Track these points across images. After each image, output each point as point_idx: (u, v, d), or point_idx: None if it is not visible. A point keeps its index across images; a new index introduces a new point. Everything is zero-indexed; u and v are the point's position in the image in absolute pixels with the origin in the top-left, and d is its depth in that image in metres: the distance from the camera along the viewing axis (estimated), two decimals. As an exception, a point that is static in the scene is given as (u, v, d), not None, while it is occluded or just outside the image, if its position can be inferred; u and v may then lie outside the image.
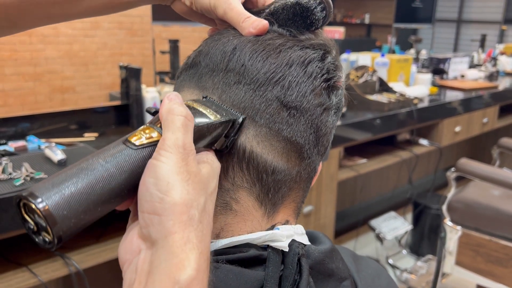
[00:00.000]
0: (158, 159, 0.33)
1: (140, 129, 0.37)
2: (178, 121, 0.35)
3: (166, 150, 0.33)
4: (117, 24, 4.25)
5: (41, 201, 0.30)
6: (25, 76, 3.87)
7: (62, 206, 0.30)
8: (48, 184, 0.31)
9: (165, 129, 0.35)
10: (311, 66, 0.43)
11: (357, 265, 0.53)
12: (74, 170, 0.32)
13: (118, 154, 0.34)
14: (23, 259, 1.35)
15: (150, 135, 0.36)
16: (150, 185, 0.32)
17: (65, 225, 0.31)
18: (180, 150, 0.33)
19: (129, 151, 0.34)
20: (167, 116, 0.35)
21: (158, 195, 0.31)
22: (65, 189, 0.31)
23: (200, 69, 0.46)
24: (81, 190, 0.31)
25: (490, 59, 3.77)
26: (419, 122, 2.42)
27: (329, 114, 0.45)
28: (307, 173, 0.46)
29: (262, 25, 0.44)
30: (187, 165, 0.33)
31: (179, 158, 0.33)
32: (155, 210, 0.31)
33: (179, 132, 0.34)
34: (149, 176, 0.32)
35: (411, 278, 2.43)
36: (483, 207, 1.87)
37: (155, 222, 0.31)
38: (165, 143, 0.33)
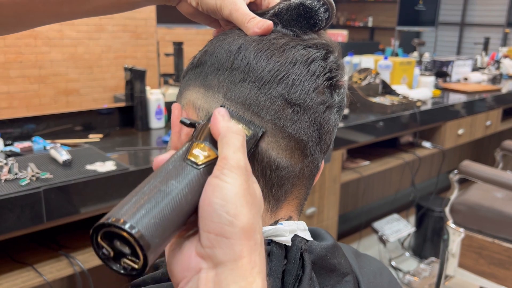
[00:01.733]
0: (223, 180, 0.33)
1: (192, 146, 0.37)
2: (237, 140, 0.35)
3: (231, 171, 0.33)
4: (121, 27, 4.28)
5: (133, 227, 0.30)
6: (30, 78, 3.90)
7: (154, 233, 0.30)
8: (134, 208, 0.31)
9: (225, 147, 0.35)
10: (314, 65, 0.45)
11: (359, 261, 0.54)
12: (153, 193, 0.32)
13: (186, 175, 0.34)
14: (28, 258, 1.36)
15: (207, 152, 0.36)
16: (217, 206, 0.32)
17: (156, 251, 0.31)
18: (243, 171, 0.34)
19: (195, 171, 0.34)
20: (226, 134, 0.36)
21: (227, 218, 0.32)
22: (153, 214, 0.31)
23: (205, 68, 0.47)
24: (166, 215, 0.31)
25: (493, 62, 3.77)
26: (422, 124, 2.43)
27: (331, 112, 0.46)
28: (310, 170, 0.47)
29: (266, 25, 0.45)
30: (249, 187, 0.34)
31: (243, 180, 0.33)
32: (223, 232, 0.32)
33: (240, 153, 0.35)
34: (215, 196, 0.32)
35: (414, 280, 2.43)
36: (486, 210, 1.87)
37: (223, 245, 0.31)
38: (229, 162, 0.34)
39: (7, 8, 0.47)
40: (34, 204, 1.21)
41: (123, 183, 1.37)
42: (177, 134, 0.47)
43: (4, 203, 1.17)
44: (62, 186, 1.26)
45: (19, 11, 0.48)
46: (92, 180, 1.31)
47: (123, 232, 0.30)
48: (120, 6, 0.51)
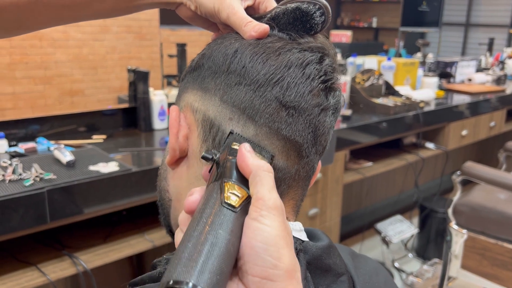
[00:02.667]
0: (263, 222, 0.33)
1: (225, 186, 0.36)
2: (270, 178, 0.35)
3: (269, 212, 0.34)
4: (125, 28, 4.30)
5: (195, 285, 0.30)
6: (35, 79, 3.92)
7: (214, 286, 0.31)
8: (192, 263, 0.31)
9: (259, 187, 0.35)
10: (309, 68, 0.45)
11: (355, 262, 0.54)
12: (205, 246, 0.32)
13: (228, 221, 0.34)
14: (32, 258, 1.38)
15: (240, 193, 0.36)
16: (260, 250, 0.33)
17: None
18: (280, 211, 0.34)
19: (234, 215, 0.34)
20: (258, 173, 0.36)
21: (271, 262, 0.32)
22: (208, 269, 0.31)
23: (203, 71, 0.48)
24: (220, 268, 0.32)
25: (498, 63, 3.76)
26: (426, 125, 2.42)
27: (326, 115, 0.47)
28: (306, 171, 0.48)
29: (263, 29, 0.46)
30: (286, 227, 0.34)
31: (281, 221, 0.34)
32: (268, 276, 0.32)
33: (274, 192, 0.35)
34: (257, 240, 0.33)
35: (417, 281, 2.42)
36: (489, 211, 1.87)
37: (267, 287, 0.32)
38: (266, 203, 0.34)
39: (9, 12, 0.48)
40: (38, 205, 1.23)
41: (126, 183, 1.38)
42: (175, 136, 0.48)
43: (8, 203, 1.18)
44: (65, 186, 1.27)
45: (21, 15, 0.49)
46: (95, 180, 1.32)
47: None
48: (120, 10, 0.52)
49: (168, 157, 0.49)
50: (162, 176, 0.54)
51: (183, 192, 0.49)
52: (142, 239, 1.51)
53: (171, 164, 0.50)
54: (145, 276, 0.44)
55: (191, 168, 0.48)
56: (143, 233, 1.54)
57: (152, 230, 1.56)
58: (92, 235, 1.51)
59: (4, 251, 1.40)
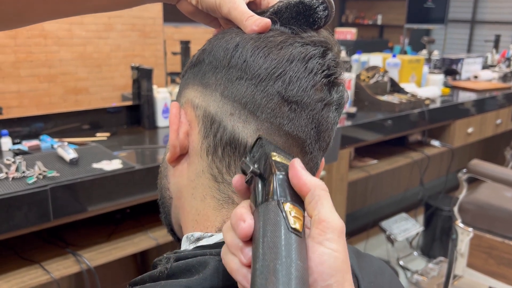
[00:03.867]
0: (328, 247, 0.33)
1: (287, 209, 0.34)
2: (329, 198, 0.35)
3: (334, 235, 0.33)
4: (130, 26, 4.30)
5: None
6: (40, 77, 3.93)
7: None
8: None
9: (320, 208, 0.34)
10: (311, 62, 0.44)
11: (359, 262, 0.53)
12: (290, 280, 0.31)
13: (298, 247, 0.33)
14: (36, 256, 1.38)
15: (297, 213, 0.34)
16: (327, 277, 0.33)
17: None
18: (342, 235, 0.34)
19: (302, 241, 0.33)
20: (317, 191, 0.35)
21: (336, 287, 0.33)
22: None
23: (203, 66, 0.47)
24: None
25: (504, 60, 3.73)
26: (431, 123, 2.40)
27: (330, 110, 0.46)
28: (309, 168, 0.47)
29: (264, 23, 0.45)
30: (346, 248, 0.34)
31: (344, 244, 0.34)
32: None
33: (335, 213, 0.34)
34: (323, 266, 0.33)
35: (422, 280, 2.41)
36: (495, 209, 1.85)
37: None
38: (330, 225, 0.34)
39: (7, 4, 0.47)
40: (41, 202, 1.22)
41: (129, 181, 1.38)
42: (175, 133, 0.47)
43: (11, 201, 1.18)
44: (68, 184, 1.27)
45: (20, 8, 0.48)
46: (98, 178, 1.32)
47: None
48: (121, 4, 0.52)
49: (168, 154, 0.48)
50: (163, 174, 0.53)
51: (183, 190, 0.48)
52: (145, 237, 1.51)
53: (171, 162, 0.49)
54: (146, 276, 0.43)
55: (192, 165, 0.47)
56: (147, 231, 1.53)
57: (155, 228, 1.55)
58: (96, 233, 1.51)
59: (8, 249, 1.40)
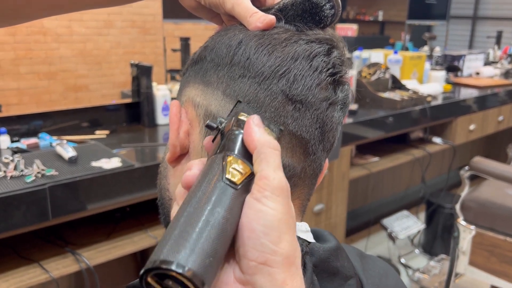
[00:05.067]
0: (266, 204, 0.31)
1: (227, 160, 0.34)
2: (277, 157, 0.33)
3: (272, 193, 0.31)
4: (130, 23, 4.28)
5: (181, 265, 0.28)
6: (40, 74, 3.92)
7: (203, 266, 0.29)
8: (181, 244, 0.29)
9: (264, 165, 0.32)
10: (316, 60, 0.43)
11: (363, 264, 0.52)
12: (200, 224, 0.30)
13: (228, 199, 0.32)
14: (35, 255, 1.37)
15: (243, 169, 0.33)
16: (260, 234, 0.31)
17: (209, 285, 0.29)
18: (285, 193, 0.32)
19: (235, 193, 0.32)
20: (263, 149, 0.33)
21: (270, 247, 0.30)
22: (199, 248, 0.29)
23: (205, 64, 0.45)
24: (213, 247, 0.30)
25: (506, 56, 3.71)
26: (433, 120, 2.39)
27: (335, 109, 0.45)
28: (312, 169, 0.45)
29: (269, 20, 0.44)
30: (290, 209, 0.32)
31: (285, 203, 0.32)
32: (266, 261, 0.30)
33: (280, 171, 0.32)
34: (259, 224, 0.31)
35: (423, 278, 2.40)
36: (498, 207, 1.84)
37: (265, 272, 0.30)
38: (271, 183, 0.32)
39: (5, 0, 0.46)
40: (40, 201, 1.21)
41: (129, 180, 1.37)
42: (175, 132, 0.46)
43: (10, 200, 1.17)
44: (67, 183, 1.25)
45: (18, 4, 0.47)
46: (97, 177, 1.30)
47: (174, 273, 0.28)
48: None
49: (168, 154, 0.47)
50: (162, 174, 0.51)
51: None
52: (145, 235, 1.50)
53: (171, 162, 0.48)
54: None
55: (192, 166, 0.46)
56: (146, 230, 1.52)
57: (155, 227, 1.54)
58: (95, 232, 1.50)
59: (7, 248, 1.39)
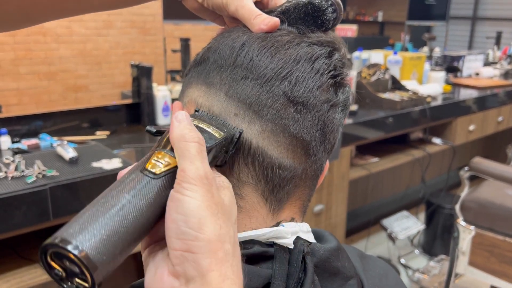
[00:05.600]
0: (183, 193, 0.32)
1: (153, 155, 0.35)
2: (192, 148, 0.33)
3: (189, 183, 0.32)
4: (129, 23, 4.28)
5: (77, 247, 0.28)
6: (40, 75, 3.91)
7: (100, 251, 0.29)
8: (80, 227, 0.29)
9: (181, 158, 0.33)
10: (318, 63, 0.43)
11: (364, 264, 0.53)
12: (103, 209, 0.31)
13: (140, 186, 0.32)
14: (35, 255, 1.37)
15: (166, 161, 0.34)
16: (180, 222, 0.31)
17: (104, 269, 0.29)
18: (204, 181, 0.32)
19: (153, 182, 0.33)
20: (179, 144, 0.34)
21: (191, 233, 0.31)
22: (100, 231, 0.29)
23: (208, 65, 0.46)
24: (115, 230, 0.30)
25: (505, 57, 3.71)
26: (432, 120, 2.39)
27: (336, 111, 0.45)
28: (313, 170, 0.46)
29: (273, 22, 0.44)
30: (213, 196, 0.32)
31: (204, 190, 0.32)
32: (189, 248, 0.31)
33: (197, 161, 0.33)
34: (177, 212, 0.31)
35: (423, 278, 2.40)
36: (497, 207, 1.84)
37: (190, 260, 0.30)
38: (186, 174, 0.32)
39: (12, 4, 0.47)
40: (41, 202, 1.22)
41: (129, 180, 1.37)
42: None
43: (11, 200, 1.17)
44: (68, 183, 1.26)
45: (24, 7, 0.48)
46: (98, 177, 1.31)
47: (68, 253, 0.28)
48: (125, 1, 0.51)
49: None
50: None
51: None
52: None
53: (172, 163, 0.48)
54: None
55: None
56: (147, 230, 1.53)
57: (156, 227, 1.54)
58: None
59: (7, 248, 1.39)
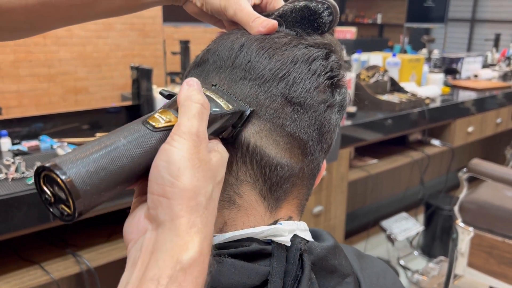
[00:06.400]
0: (171, 144, 0.33)
1: (158, 111, 0.37)
2: (194, 108, 0.35)
3: (180, 136, 0.34)
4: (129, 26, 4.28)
5: (65, 173, 0.30)
6: (40, 77, 3.92)
7: (86, 181, 0.31)
8: (73, 157, 0.32)
9: (181, 115, 0.35)
10: (315, 64, 0.44)
11: (361, 263, 0.53)
12: (97, 147, 0.33)
13: (138, 135, 0.35)
14: (36, 256, 1.37)
15: (168, 118, 0.37)
16: (161, 168, 0.33)
17: (87, 200, 0.31)
18: (193, 137, 0.34)
19: (150, 133, 0.35)
20: (184, 102, 0.36)
21: (169, 179, 0.32)
22: (89, 164, 0.32)
23: (207, 66, 0.47)
24: (103, 166, 0.32)
25: (504, 59, 3.72)
26: (431, 122, 2.40)
27: (332, 112, 0.46)
28: (310, 169, 0.46)
29: (271, 24, 0.45)
30: (199, 152, 0.34)
31: (191, 145, 0.34)
32: (165, 193, 0.32)
33: (194, 119, 0.35)
34: (161, 159, 0.33)
35: (422, 279, 2.41)
36: (496, 208, 1.85)
37: (164, 205, 0.32)
38: (180, 129, 0.34)
39: (19, 13, 0.48)
40: (41, 203, 1.22)
41: (129, 181, 1.37)
42: None
43: (11, 201, 1.18)
44: (68, 184, 1.26)
45: (31, 16, 0.49)
46: (98, 178, 1.31)
47: (56, 177, 0.30)
48: (129, 7, 0.52)
49: None
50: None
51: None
52: (145, 237, 1.51)
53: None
54: None
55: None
56: (147, 231, 1.53)
57: (155, 228, 1.55)
58: (96, 234, 1.51)
59: (8, 250, 1.40)
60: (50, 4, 0.48)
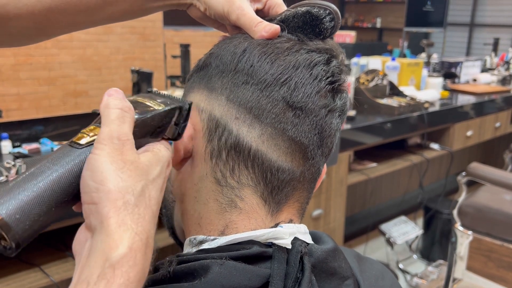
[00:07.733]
0: (93, 152, 0.34)
1: (86, 129, 0.38)
2: (113, 113, 0.36)
3: (100, 143, 0.34)
4: (129, 29, 4.30)
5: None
6: (40, 80, 3.93)
7: (15, 212, 0.31)
8: (2, 194, 0.32)
9: (102, 124, 0.36)
10: (316, 69, 0.45)
11: (360, 265, 0.54)
12: (22, 177, 0.33)
13: (64, 156, 0.35)
14: (36, 259, 1.38)
15: (94, 132, 0.37)
16: (87, 177, 0.34)
17: (20, 229, 0.32)
18: (114, 141, 0.35)
19: (74, 151, 0.36)
20: (103, 111, 0.37)
21: (94, 186, 0.33)
22: (16, 195, 0.32)
23: (210, 70, 0.47)
24: (32, 194, 0.32)
25: (503, 63, 3.74)
26: (430, 126, 2.41)
27: (333, 116, 0.46)
28: (311, 173, 0.47)
29: (274, 29, 0.46)
30: (122, 154, 0.34)
31: (112, 148, 0.34)
32: (92, 199, 0.33)
33: (113, 124, 0.35)
34: (86, 169, 0.34)
35: (421, 283, 2.41)
36: (495, 212, 1.86)
37: (93, 211, 0.33)
38: (100, 136, 0.35)
39: (26, 19, 0.49)
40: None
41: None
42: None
43: (12, 204, 1.18)
44: (69, 187, 1.26)
45: (38, 22, 0.50)
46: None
47: None
48: (133, 13, 0.53)
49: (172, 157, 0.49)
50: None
51: (187, 193, 0.49)
52: (145, 240, 1.51)
53: (175, 165, 0.49)
54: (148, 279, 0.43)
55: (196, 169, 0.47)
56: (147, 234, 1.53)
57: (156, 231, 1.55)
58: None
59: (8, 252, 1.40)
60: (57, 10, 0.49)
